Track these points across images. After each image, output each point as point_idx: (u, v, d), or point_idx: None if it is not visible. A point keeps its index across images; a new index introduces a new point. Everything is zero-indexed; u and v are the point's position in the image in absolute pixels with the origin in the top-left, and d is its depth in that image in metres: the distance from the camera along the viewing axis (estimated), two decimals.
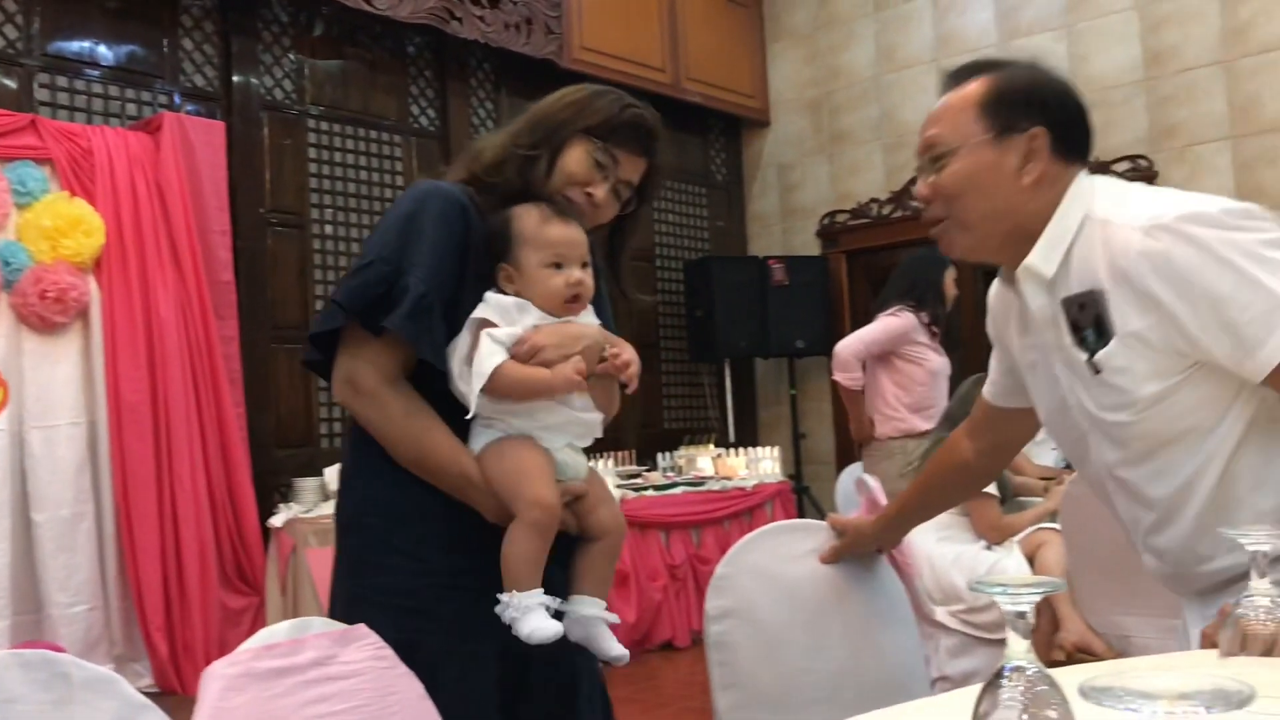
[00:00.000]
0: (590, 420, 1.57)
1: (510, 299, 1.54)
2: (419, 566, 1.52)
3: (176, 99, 4.88)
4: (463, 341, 1.52)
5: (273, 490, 4.92)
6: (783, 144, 7.51)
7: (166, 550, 4.30)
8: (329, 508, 4.56)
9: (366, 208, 5.49)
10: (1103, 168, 6.10)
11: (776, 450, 6.34)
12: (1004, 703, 0.85)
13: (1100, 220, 1.49)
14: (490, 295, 1.55)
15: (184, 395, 4.41)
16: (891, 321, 4.85)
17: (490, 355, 1.47)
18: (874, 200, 7.03)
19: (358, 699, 1.19)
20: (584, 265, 1.58)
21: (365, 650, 1.23)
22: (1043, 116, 1.54)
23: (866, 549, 1.98)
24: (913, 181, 7.21)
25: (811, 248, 7.32)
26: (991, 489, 3.89)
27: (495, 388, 1.47)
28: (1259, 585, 1.13)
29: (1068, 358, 1.54)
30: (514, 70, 6.14)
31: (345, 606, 1.54)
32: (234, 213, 4.83)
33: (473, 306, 1.54)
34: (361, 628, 1.26)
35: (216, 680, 1.10)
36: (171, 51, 4.89)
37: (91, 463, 4.26)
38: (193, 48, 4.98)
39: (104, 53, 4.70)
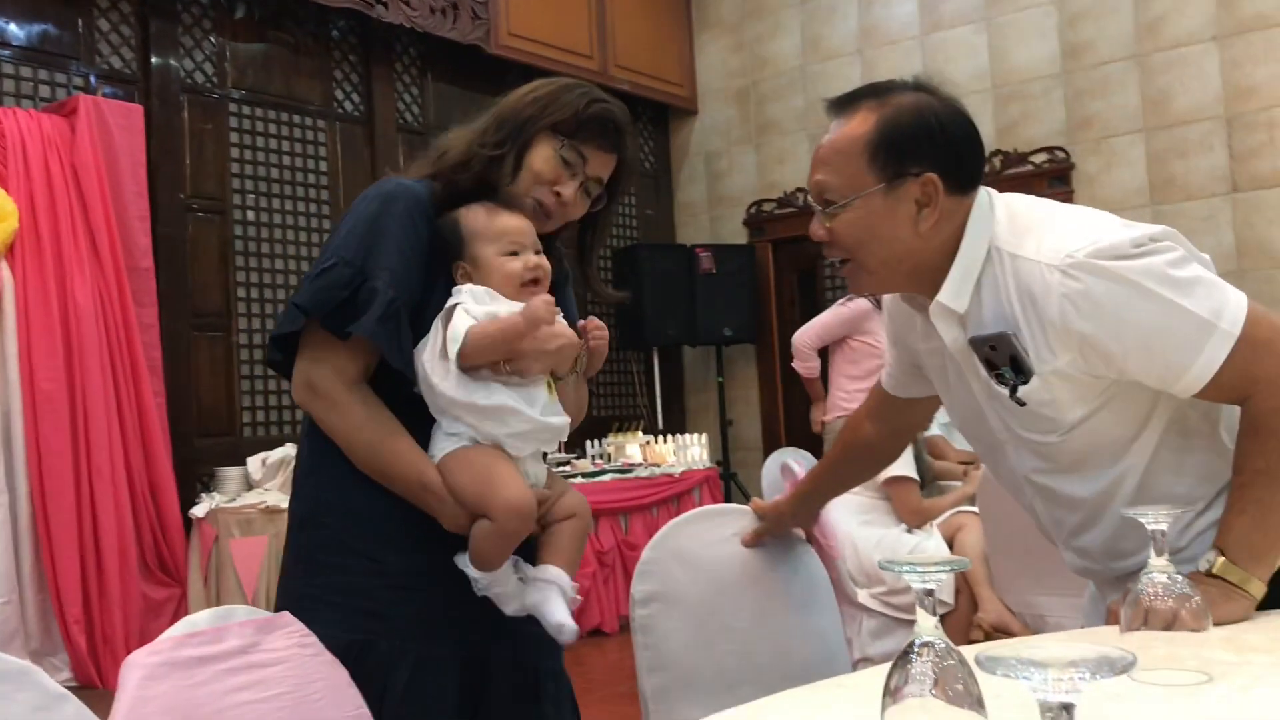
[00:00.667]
0: (558, 425, 1.54)
1: (480, 287, 1.53)
2: (376, 567, 1.50)
3: (93, 81, 4.77)
4: (435, 335, 1.50)
5: (194, 480, 4.85)
6: (710, 133, 7.55)
7: (85, 542, 4.22)
8: (252, 497, 4.51)
9: (290, 193, 5.42)
10: (1021, 159, 6.24)
11: (704, 437, 6.39)
12: (914, 677, 0.88)
13: (1009, 254, 1.47)
14: (462, 287, 1.53)
15: (102, 384, 4.32)
16: (843, 309, 5.04)
17: (462, 322, 1.46)
18: (800, 190, 7.10)
19: (281, 686, 1.19)
20: (537, 252, 1.58)
21: (289, 638, 1.23)
22: (933, 159, 1.49)
23: (785, 528, 2.00)
24: None
25: (739, 236, 7.38)
26: (911, 473, 3.97)
27: (470, 350, 1.45)
28: (1158, 563, 1.18)
29: (986, 387, 1.54)
30: (440, 55, 6.10)
31: (295, 604, 1.47)
32: (153, 198, 4.73)
33: (437, 307, 1.52)
34: (285, 615, 1.26)
35: (136, 669, 1.09)
36: (87, 32, 4.78)
37: (5, 453, 4.15)
38: (109, 29, 4.86)
39: (15, 32, 4.58)
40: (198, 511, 4.50)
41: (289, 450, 4.71)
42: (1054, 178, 6.12)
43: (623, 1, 6.97)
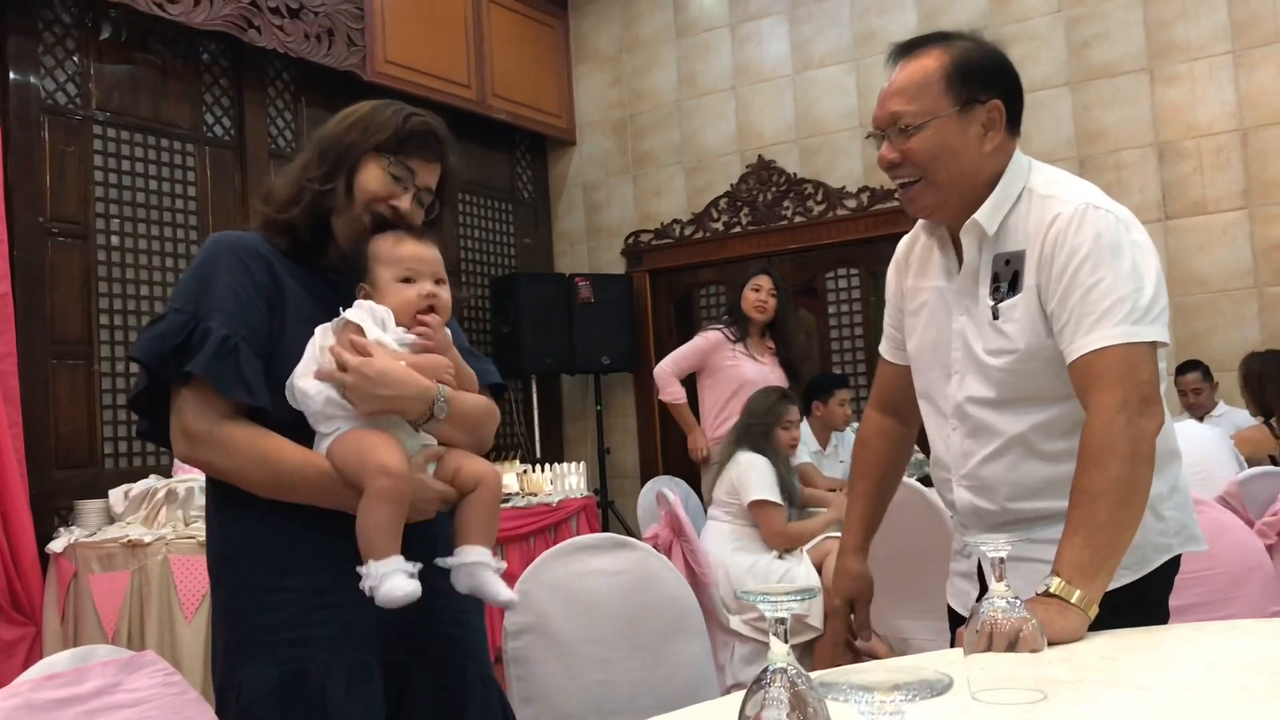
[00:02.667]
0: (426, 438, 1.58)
1: (380, 307, 1.56)
2: (291, 596, 1.51)
3: None
4: (309, 351, 1.53)
5: (52, 514, 4.66)
6: (588, 164, 7.62)
7: None
8: (114, 531, 4.36)
9: (156, 218, 5.28)
10: (887, 195, 6.46)
11: (581, 466, 6.40)
12: (770, 702, 0.92)
13: (1041, 195, 1.72)
14: (361, 301, 1.57)
15: None
16: (699, 341, 5.25)
17: (306, 382, 1.50)
18: (676, 221, 7.21)
19: None
20: (438, 281, 1.62)
21: (153, 677, 1.21)
22: (997, 89, 1.73)
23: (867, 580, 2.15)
24: (713, 204, 7.45)
25: (617, 266, 7.45)
26: (774, 497, 4.07)
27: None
28: (997, 588, 1.26)
29: (973, 304, 1.76)
30: (315, 81, 6.03)
31: (225, 656, 1.52)
32: (10, 221, 4.56)
33: (299, 350, 1.53)
34: (149, 654, 1.24)
35: None
36: None
37: None
38: None
39: None
40: (55, 546, 4.32)
41: (153, 482, 4.56)
42: None
43: (501, 31, 7.00)
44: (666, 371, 5.29)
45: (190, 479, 4.34)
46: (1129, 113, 5.86)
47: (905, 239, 2.00)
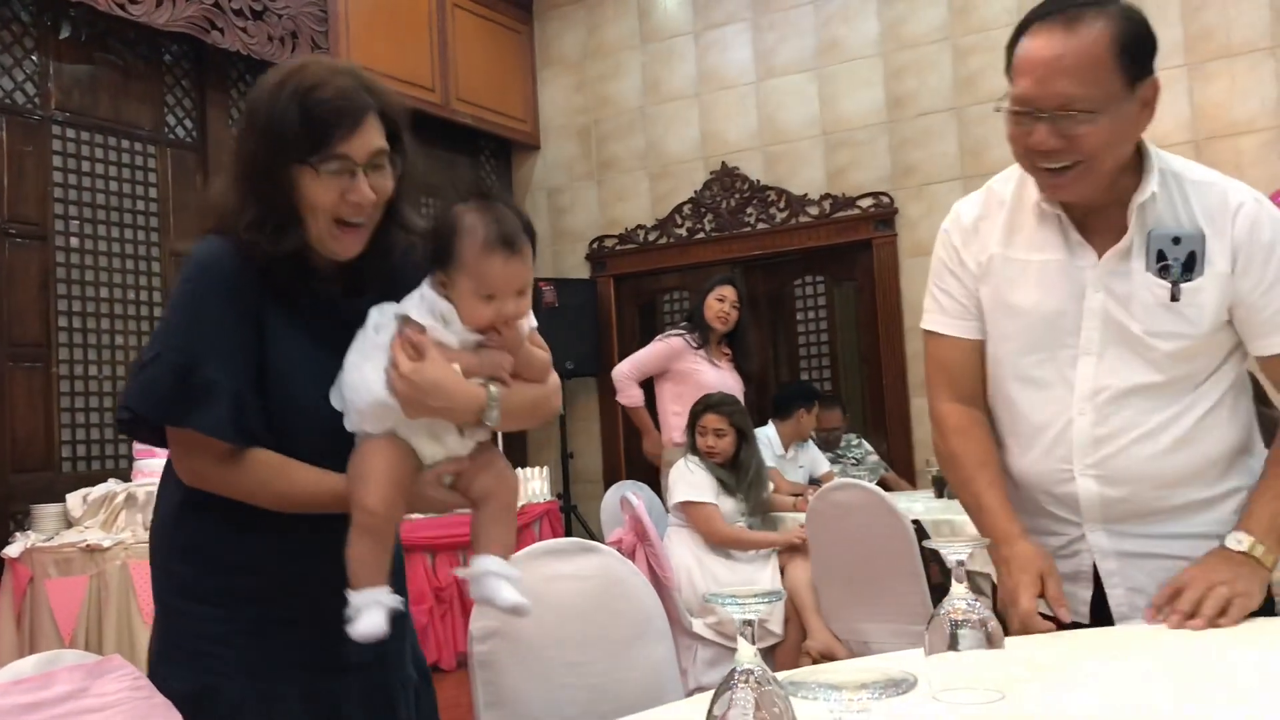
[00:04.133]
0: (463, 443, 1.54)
1: (443, 303, 1.49)
2: (221, 613, 1.49)
3: None
4: (369, 345, 1.48)
5: (7, 518, 4.61)
6: (553, 168, 7.63)
7: None
8: (72, 535, 4.31)
9: (117, 219, 5.23)
10: (849, 203, 6.52)
11: (545, 470, 6.41)
12: (736, 703, 0.94)
13: (1192, 180, 1.68)
14: (426, 291, 1.49)
15: None
16: (660, 345, 5.26)
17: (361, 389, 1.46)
18: (640, 227, 7.24)
19: None
20: (519, 293, 1.52)
21: (120, 681, 1.21)
22: (1151, 61, 1.61)
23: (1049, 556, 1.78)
24: (677, 209, 7.44)
25: (581, 271, 7.46)
26: (701, 497, 4.07)
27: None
28: (958, 589, 1.28)
29: (1123, 282, 1.66)
30: None
31: (153, 663, 1.51)
32: None
33: (289, 350, 1.48)
34: (116, 658, 1.24)
35: None
36: None
37: None
38: None
39: None
40: (11, 551, 4.27)
41: (112, 486, 4.52)
42: (879, 221, 6.42)
43: (465, 35, 6.99)
44: (626, 374, 5.30)
45: (150, 483, 4.30)
46: None
47: (969, 204, 1.85)
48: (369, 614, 1.41)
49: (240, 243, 1.47)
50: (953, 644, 1.27)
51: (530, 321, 1.60)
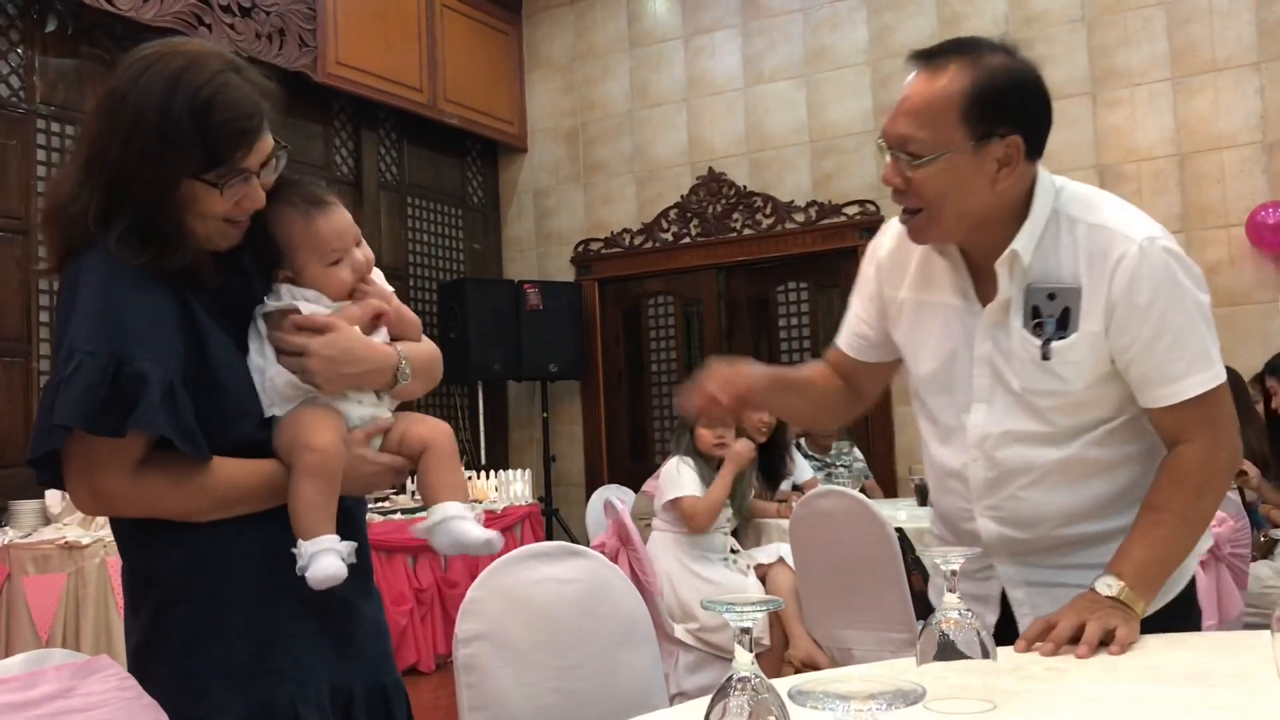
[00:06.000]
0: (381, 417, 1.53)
1: (305, 290, 1.49)
2: (252, 623, 1.41)
3: None
4: (261, 341, 1.45)
5: None
6: (539, 171, 7.62)
7: None
8: (50, 532, 4.28)
9: None
10: (835, 210, 6.54)
11: (527, 473, 6.40)
12: (732, 710, 0.94)
13: (1085, 222, 1.60)
14: (282, 287, 1.48)
15: None
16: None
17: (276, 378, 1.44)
18: (626, 230, 7.24)
19: None
20: (358, 243, 1.52)
21: (107, 681, 1.20)
22: (1018, 122, 1.56)
23: (739, 396, 1.81)
24: (663, 214, 7.46)
25: (566, 274, 7.45)
26: (685, 491, 4.06)
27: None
28: (950, 599, 1.29)
29: (1004, 335, 1.63)
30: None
31: (181, 687, 1.36)
32: None
33: (228, 379, 1.42)
34: (103, 658, 1.23)
35: None
36: None
37: None
38: None
39: None
40: None
41: None
42: (864, 229, 6.44)
43: (454, 36, 6.98)
44: None
45: None
46: (1071, 136, 5.99)
47: (890, 235, 1.82)
48: (323, 559, 1.38)
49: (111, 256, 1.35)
50: (944, 654, 1.27)
51: (387, 287, 1.61)
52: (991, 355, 1.65)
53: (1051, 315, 1.59)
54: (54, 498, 4.44)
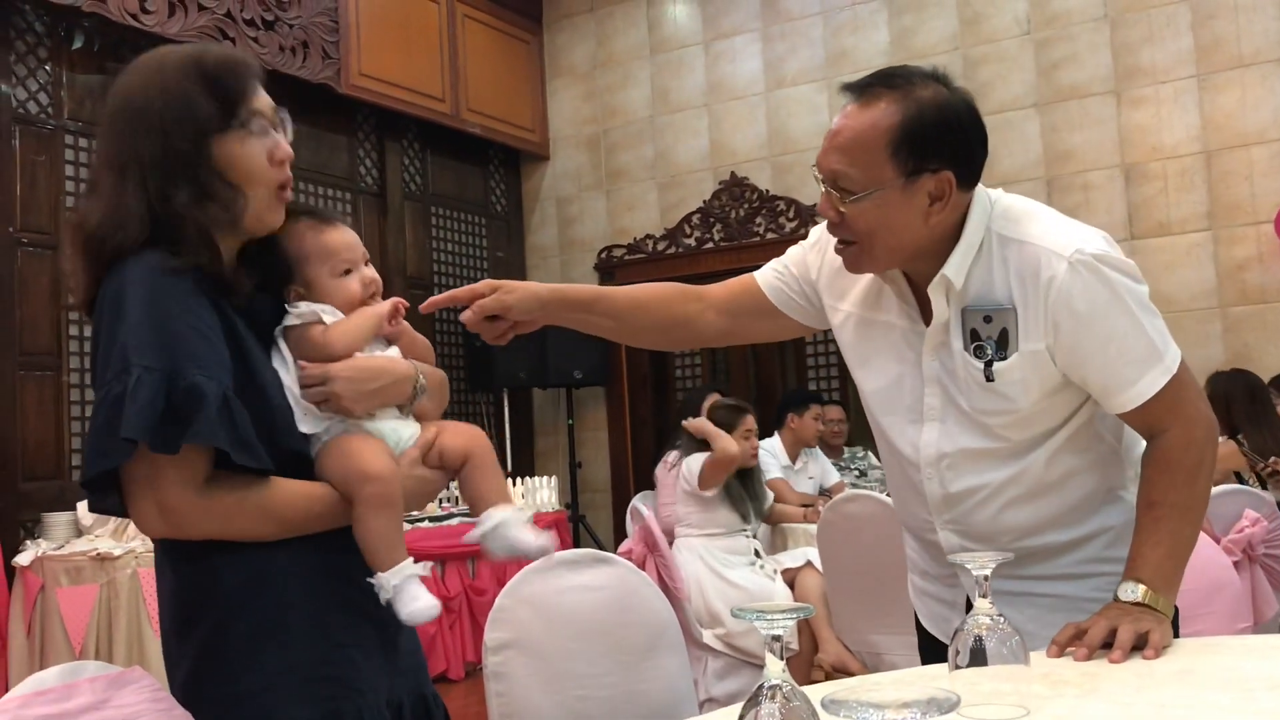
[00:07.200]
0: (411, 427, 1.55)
1: (318, 305, 1.50)
2: (317, 632, 1.40)
3: None
4: (287, 359, 1.47)
5: (18, 526, 4.62)
6: (561, 178, 7.64)
7: None
8: (82, 544, 4.31)
9: None
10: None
11: (553, 480, 6.41)
12: (764, 718, 0.93)
13: (1014, 239, 1.57)
14: (298, 305, 1.50)
15: None
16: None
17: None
18: (649, 236, 7.24)
19: None
20: (367, 263, 1.57)
21: (141, 693, 1.21)
22: (950, 157, 1.54)
23: (510, 311, 1.96)
24: (686, 219, 7.45)
25: (589, 280, 7.46)
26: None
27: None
28: (981, 605, 1.28)
29: (948, 357, 1.62)
30: (289, 93, 6.00)
31: (243, 703, 1.35)
32: None
33: (275, 392, 1.43)
34: (137, 669, 1.24)
35: None
36: None
37: None
38: None
39: None
40: (22, 559, 4.28)
41: None
42: None
43: (475, 45, 7.01)
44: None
45: None
46: (1096, 134, 5.95)
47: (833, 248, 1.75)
48: (409, 590, 1.40)
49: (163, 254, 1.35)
50: (977, 659, 1.26)
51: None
52: (940, 375, 1.65)
53: (990, 337, 1.58)
54: (85, 509, 4.48)
